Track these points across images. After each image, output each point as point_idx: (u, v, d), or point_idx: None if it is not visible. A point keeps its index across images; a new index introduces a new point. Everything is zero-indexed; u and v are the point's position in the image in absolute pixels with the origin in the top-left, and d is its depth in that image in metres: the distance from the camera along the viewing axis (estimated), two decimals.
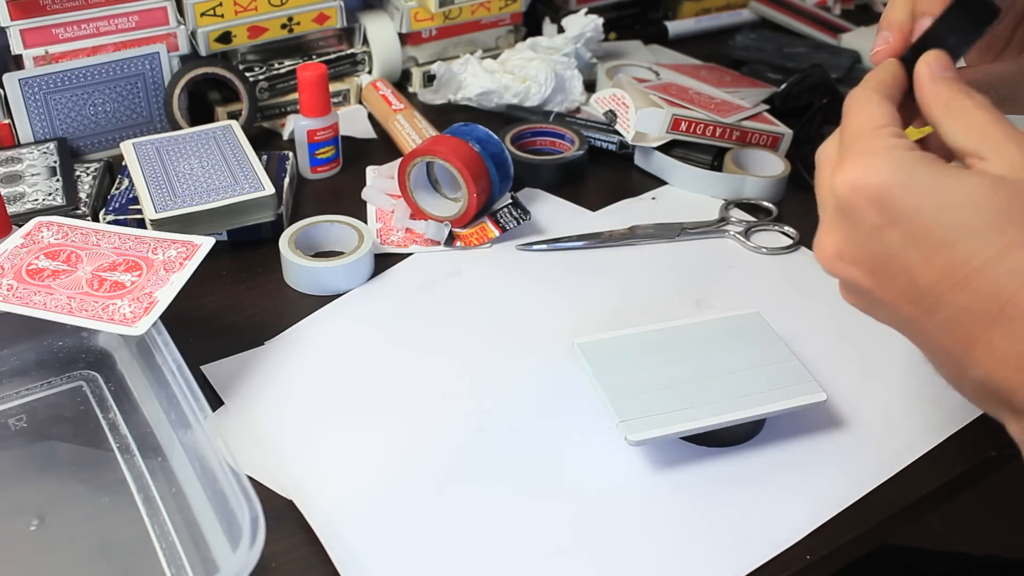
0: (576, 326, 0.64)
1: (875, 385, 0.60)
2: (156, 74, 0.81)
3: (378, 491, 0.52)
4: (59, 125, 0.80)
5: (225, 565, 0.46)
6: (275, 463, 0.54)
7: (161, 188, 0.69)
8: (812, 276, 0.70)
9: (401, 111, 0.85)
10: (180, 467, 0.52)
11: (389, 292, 0.67)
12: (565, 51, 0.90)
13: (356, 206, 0.76)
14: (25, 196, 0.71)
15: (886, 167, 0.39)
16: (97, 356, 0.60)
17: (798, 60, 0.97)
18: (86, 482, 0.53)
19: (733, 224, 0.75)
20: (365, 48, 0.91)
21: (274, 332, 0.63)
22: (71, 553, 0.49)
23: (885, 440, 0.56)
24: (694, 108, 0.79)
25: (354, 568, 0.48)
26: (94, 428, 0.56)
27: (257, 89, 0.85)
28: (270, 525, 0.44)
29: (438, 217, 0.72)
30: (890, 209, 0.39)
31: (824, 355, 0.62)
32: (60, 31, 0.78)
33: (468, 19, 0.93)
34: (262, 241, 0.71)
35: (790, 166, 0.79)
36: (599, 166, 0.83)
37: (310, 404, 0.58)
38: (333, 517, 0.51)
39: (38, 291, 0.55)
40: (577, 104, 0.89)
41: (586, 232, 0.73)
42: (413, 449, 0.55)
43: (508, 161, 0.73)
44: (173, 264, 0.57)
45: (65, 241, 0.59)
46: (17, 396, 0.58)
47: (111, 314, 0.53)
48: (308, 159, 0.79)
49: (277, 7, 0.84)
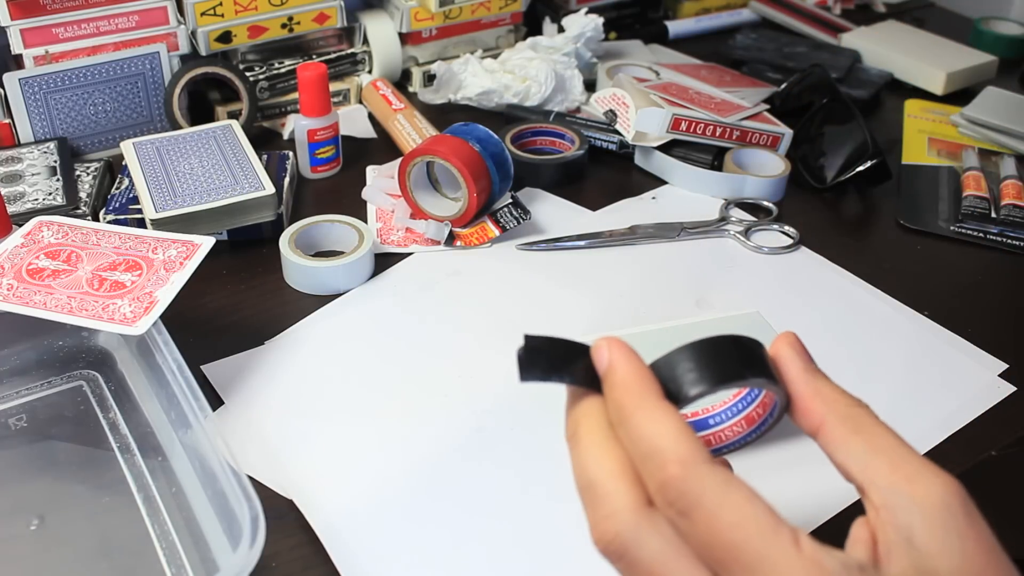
0: (576, 326, 0.64)
1: (875, 385, 0.60)
2: (156, 74, 0.81)
3: (378, 491, 0.52)
4: (59, 125, 0.80)
5: (225, 565, 0.46)
6: (275, 463, 0.54)
7: (161, 188, 0.69)
8: (812, 276, 0.70)
9: (401, 111, 0.85)
10: (180, 467, 0.52)
11: (389, 292, 0.67)
12: (565, 51, 0.90)
13: (356, 206, 0.76)
14: (25, 196, 0.71)
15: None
16: (97, 356, 0.60)
17: (798, 60, 0.97)
18: (86, 482, 0.53)
19: (733, 224, 0.75)
20: (365, 48, 0.91)
21: (274, 332, 0.63)
22: (71, 553, 0.49)
23: None
24: (694, 108, 0.79)
25: (354, 568, 0.48)
26: (94, 428, 0.56)
27: (257, 89, 0.85)
28: (270, 525, 0.44)
29: (438, 217, 0.72)
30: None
31: (824, 355, 0.62)
32: (60, 31, 0.78)
33: (468, 19, 0.93)
34: (262, 241, 0.71)
35: (790, 166, 0.79)
36: (599, 166, 0.83)
37: (310, 404, 0.58)
38: (333, 517, 0.50)
39: (38, 291, 0.55)
40: (577, 104, 0.89)
41: (586, 232, 0.73)
42: (413, 449, 0.55)
43: (508, 161, 0.73)
44: (173, 264, 0.57)
45: (65, 241, 0.59)
46: (17, 396, 0.58)
47: (111, 314, 0.53)
48: (308, 159, 0.79)
49: (277, 7, 0.84)
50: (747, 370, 0.34)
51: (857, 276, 0.70)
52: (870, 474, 0.32)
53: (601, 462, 0.33)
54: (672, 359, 0.35)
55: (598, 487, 0.32)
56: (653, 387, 0.34)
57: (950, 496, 0.31)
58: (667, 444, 0.32)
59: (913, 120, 0.91)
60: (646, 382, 0.34)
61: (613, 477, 0.32)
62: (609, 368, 0.35)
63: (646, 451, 0.32)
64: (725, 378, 0.34)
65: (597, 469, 0.33)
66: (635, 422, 0.33)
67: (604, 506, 0.32)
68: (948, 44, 1.01)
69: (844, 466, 0.33)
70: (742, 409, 0.39)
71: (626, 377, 0.34)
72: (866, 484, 0.32)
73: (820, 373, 0.36)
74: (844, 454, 0.33)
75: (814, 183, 0.80)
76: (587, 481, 0.33)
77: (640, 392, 0.33)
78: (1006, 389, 0.60)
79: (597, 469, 0.33)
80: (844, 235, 0.75)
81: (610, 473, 0.32)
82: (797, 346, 0.36)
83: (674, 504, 0.31)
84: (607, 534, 0.32)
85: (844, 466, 0.33)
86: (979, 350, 0.63)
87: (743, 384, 0.34)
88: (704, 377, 0.34)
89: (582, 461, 0.34)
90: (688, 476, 0.31)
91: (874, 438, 0.33)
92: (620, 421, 0.33)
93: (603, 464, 0.33)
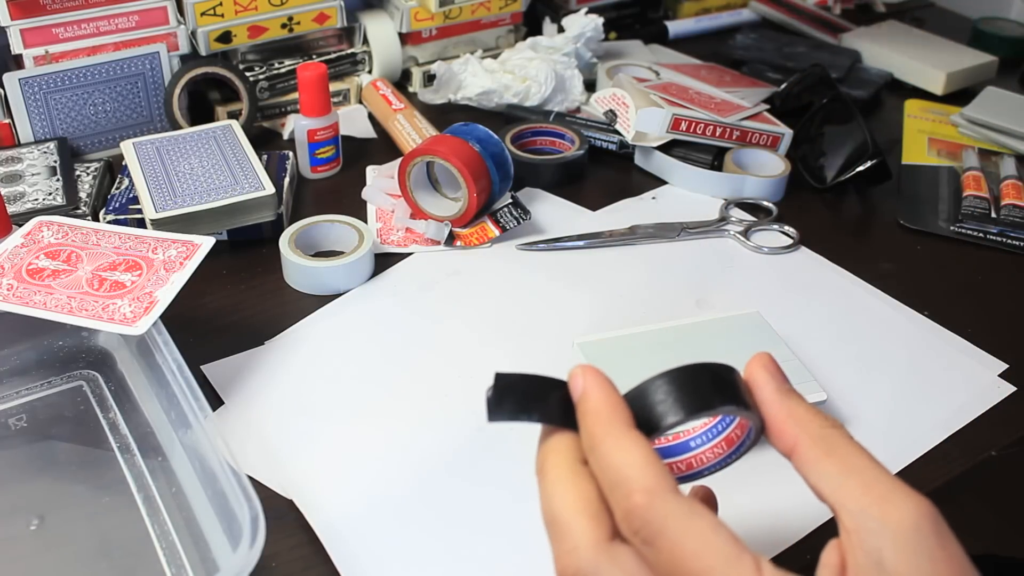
0: (576, 326, 0.64)
1: (875, 385, 0.60)
2: (156, 74, 0.81)
3: (378, 491, 0.52)
4: (59, 125, 0.80)
5: (225, 565, 0.46)
6: (275, 463, 0.54)
7: (161, 188, 0.69)
8: (812, 276, 0.70)
9: (401, 111, 0.85)
10: (180, 467, 0.52)
11: (389, 292, 0.67)
12: (565, 51, 0.90)
13: (356, 206, 0.76)
14: (25, 196, 0.71)
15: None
16: (97, 356, 0.60)
17: (798, 60, 0.97)
18: (86, 482, 0.53)
19: (733, 224, 0.75)
20: (365, 48, 0.91)
21: (274, 332, 0.63)
22: (71, 553, 0.49)
23: (885, 440, 0.56)
24: (694, 108, 0.79)
25: (354, 568, 0.48)
26: (94, 428, 0.56)
27: (257, 89, 0.85)
28: (270, 525, 0.44)
29: (438, 217, 0.72)
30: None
31: (824, 355, 0.62)
32: (60, 31, 0.78)
33: (468, 19, 0.93)
34: (262, 241, 0.71)
35: (790, 166, 0.79)
36: (599, 166, 0.83)
37: (310, 404, 0.58)
38: (333, 517, 0.50)
39: (38, 291, 0.55)
40: (577, 104, 0.89)
41: (586, 232, 0.73)
42: (413, 449, 0.55)
43: (508, 161, 0.73)
44: (173, 264, 0.57)
45: (65, 241, 0.59)
46: (17, 396, 0.58)
47: (111, 314, 0.53)
48: (308, 159, 0.79)
49: (277, 7, 0.84)
50: (717, 398, 0.34)
51: (857, 276, 0.70)
52: (841, 496, 0.32)
53: (565, 497, 0.33)
54: (644, 389, 0.35)
55: (561, 522, 0.33)
56: (623, 416, 0.34)
57: (922, 518, 0.31)
58: (633, 473, 0.32)
59: (913, 120, 0.91)
60: (616, 411, 0.34)
61: (576, 513, 0.33)
62: (582, 396, 0.35)
63: (613, 479, 0.33)
64: (695, 409, 0.34)
65: (561, 504, 0.33)
66: (603, 450, 0.33)
67: (566, 541, 0.33)
68: (948, 44, 1.01)
69: (817, 488, 0.33)
70: (721, 431, 0.39)
71: (597, 405, 0.34)
72: (838, 506, 0.32)
73: (794, 394, 0.36)
74: (817, 476, 0.33)
75: (814, 183, 0.80)
76: (551, 516, 0.34)
77: (610, 420, 0.34)
78: (1006, 389, 0.60)
79: (561, 504, 0.33)
80: (844, 235, 0.75)
81: (573, 509, 0.33)
82: (771, 367, 0.36)
83: (639, 532, 0.32)
84: (568, 569, 0.32)
85: (817, 488, 0.33)
86: (979, 350, 0.63)
87: (713, 413, 0.35)
88: (674, 408, 0.34)
89: (547, 495, 0.34)
90: (652, 505, 0.31)
91: (847, 459, 0.33)
92: (590, 449, 0.34)
93: (566, 499, 0.33)
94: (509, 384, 0.34)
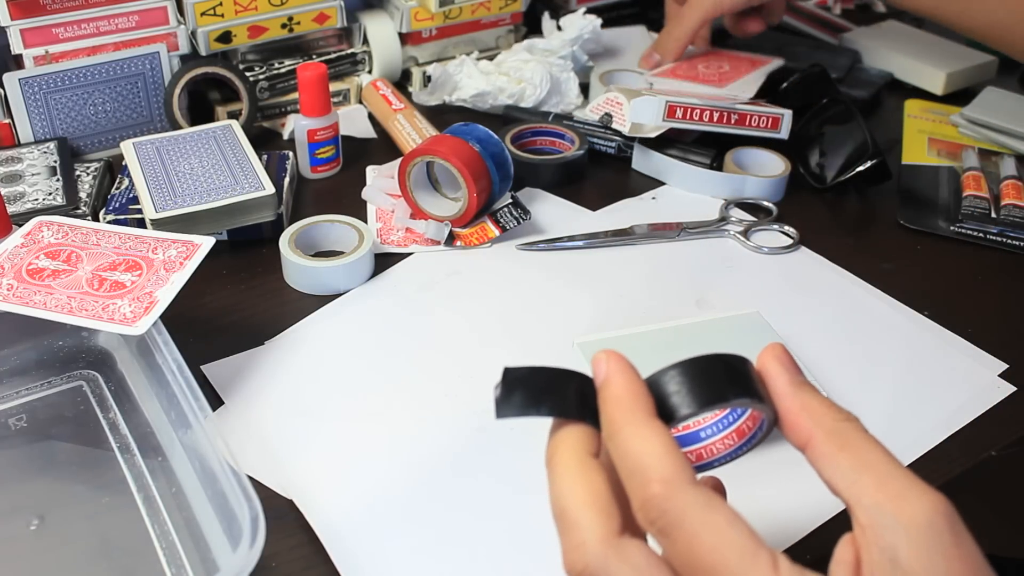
0: (576, 326, 0.64)
1: (875, 385, 0.60)
2: (156, 74, 0.81)
3: (378, 491, 0.52)
4: (59, 125, 0.80)
5: (225, 565, 0.46)
6: (275, 463, 0.54)
7: (161, 188, 0.69)
8: (812, 276, 0.70)
9: (401, 111, 0.85)
10: (180, 467, 0.52)
11: (389, 292, 0.67)
12: (561, 53, 0.90)
13: (356, 206, 0.76)
14: (25, 196, 0.71)
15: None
16: (97, 356, 0.60)
17: (798, 60, 0.97)
18: (86, 482, 0.53)
19: (733, 224, 0.75)
20: (365, 48, 0.91)
21: (274, 332, 0.63)
22: (71, 553, 0.49)
23: (885, 440, 0.56)
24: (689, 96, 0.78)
25: (354, 568, 0.48)
26: (94, 428, 0.56)
27: (257, 89, 0.85)
28: (270, 525, 0.44)
29: (438, 217, 0.72)
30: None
31: (824, 355, 0.62)
32: (60, 31, 0.78)
33: (468, 19, 0.93)
34: (262, 241, 0.71)
35: (790, 166, 0.79)
36: (599, 166, 0.83)
37: (310, 404, 0.58)
38: (333, 517, 0.50)
39: (38, 291, 0.55)
40: (573, 106, 0.89)
41: (586, 232, 0.73)
42: (414, 449, 0.55)
43: (508, 161, 0.73)
44: (173, 264, 0.57)
45: (65, 241, 0.59)
46: (17, 396, 0.58)
47: (111, 314, 0.53)
48: (308, 159, 0.79)
49: (277, 7, 0.84)
50: (731, 390, 0.34)
51: (857, 276, 0.70)
52: (856, 492, 0.32)
53: (574, 491, 0.33)
54: (657, 379, 0.35)
55: (569, 516, 0.33)
56: (645, 404, 0.34)
57: (936, 515, 0.31)
58: (652, 462, 0.32)
59: (913, 120, 0.91)
60: (639, 399, 0.34)
61: (584, 507, 0.32)
62: (604, 382, 0.35)
63: (631, 468, 0.32)
64: (709, 400, 0.34)
65: (569, 498, 0.33)
66: (623, 438, 0.33)
67: (574, 536, 0.32)
68: (948, 44, 1.01)
69: (831, 482, 0.33)
70: (732, 422, 0.39)
71: (619, 391, 0.34)
72: (852, 502, 0.32)
73: (808, 386, 0.35)
74: (831, 470, 0.33)
75: (814, 183, 0.80)
76: (560, 509, 0.33)
77: (631, 408, 0.33)
78: (1006, 389, 0.60)
79: (569, 498, 0.33)
80: (844, 235, 0.75)
81: (581, 503, 0.33)
82: (784, 359, 0.36)
83: (655, 523, 0.31)
84: (577, 564, 0.32)
85: (831, 482, 0.33)
86: (979, 350, 0.63)
87: (726, 406, 0.34)
88: (687, 400, 0.34)
89: (556, 489, 0.34)
90: (670, 496, 0.31)
91: (861, 454, 0.33)
92: (610, 435, 0.34)
93: (575, 493, 0.33)
94: (518, 378, 0.34)
